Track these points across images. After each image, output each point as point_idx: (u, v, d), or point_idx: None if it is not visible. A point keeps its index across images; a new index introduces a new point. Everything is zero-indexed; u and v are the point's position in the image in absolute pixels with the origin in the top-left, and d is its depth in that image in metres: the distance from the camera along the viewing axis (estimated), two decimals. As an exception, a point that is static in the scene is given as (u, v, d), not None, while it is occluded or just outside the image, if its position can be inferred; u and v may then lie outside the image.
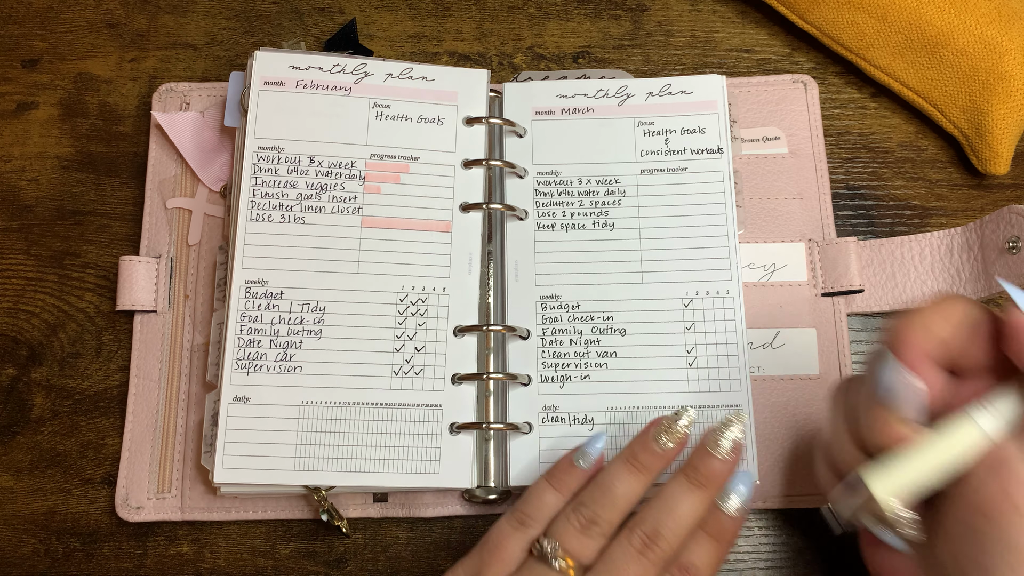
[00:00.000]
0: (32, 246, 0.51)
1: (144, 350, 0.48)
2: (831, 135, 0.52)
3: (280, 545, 0.46)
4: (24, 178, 0.52)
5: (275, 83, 0.48)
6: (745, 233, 0.49)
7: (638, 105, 0.49)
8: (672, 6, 0.55)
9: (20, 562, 0.46)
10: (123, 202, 0.51)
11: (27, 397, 0.48)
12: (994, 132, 0.48)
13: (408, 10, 0.55)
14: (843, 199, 0.51)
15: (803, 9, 0.52)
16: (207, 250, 0.49)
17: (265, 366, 0.44)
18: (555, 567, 0.36)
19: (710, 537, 0.38)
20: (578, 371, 0.45)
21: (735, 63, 0.54)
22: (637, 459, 0.39)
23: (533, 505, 0.39)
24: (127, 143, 0.52)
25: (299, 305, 0.45)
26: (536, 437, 0.44)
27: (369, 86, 0.49)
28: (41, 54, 0.54)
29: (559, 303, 0.46)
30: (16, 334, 0.49)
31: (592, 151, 0.49)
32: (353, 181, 0.47)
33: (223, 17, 0.55)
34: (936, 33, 0.49)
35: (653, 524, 0.37)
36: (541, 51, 0.54)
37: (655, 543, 0.36)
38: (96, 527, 0.46)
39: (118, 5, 0.55)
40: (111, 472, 0.47)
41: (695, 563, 0.37)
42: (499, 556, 0.37)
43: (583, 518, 0.37)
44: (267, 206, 0.46)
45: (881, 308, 0.47)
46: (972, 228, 0.46)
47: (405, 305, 0.46)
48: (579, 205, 0.48)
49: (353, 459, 0.43)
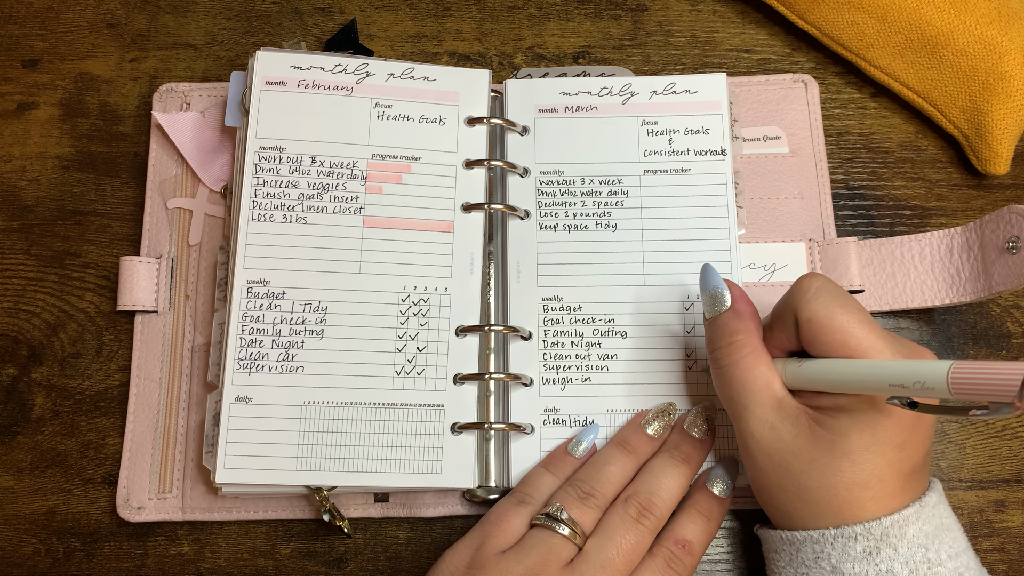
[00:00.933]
0: (32, 246, 0.50)
1: (145, 350, 0.48)
2: (831, 135, 0.52)
3: (281, 545, 0.46)
4: (24, 178, 0.52)
5: (276, 83, 0.48)
6: (746, 233, 0.49)
7: (642, 104, 0.49)
8: (672, 6, 0.55)
9: (21, 562, 0.46)
10: (123, 202, 0.51)
11: (28, 397, 0.48)
12: (994, 132, 0.49)
13: (408, 10, 0.55)
14: (843, 199, 0.51)
15: (803, 9, 0.52)
16: (208, 250, 0.49)
17: (267, 366, 0.44)
18: (560, 532, 0.38)
19: (701, 515, 0.41)
20: (579, 373, 0.46)
21: (735, 63, 0.54)
22: (628, 442, 0.42)
23: (531, 485, 0.42)
24: (127, 143, 0.52)
25: (301, 305, 0.45)
26: (538, 439, 0.45)
27: (371, 86, 0.49)
28: (41, 54, 0.54)
29: (561, 304, 0.46)
30: (17, 334, 0.49)
31: (595, 150, 0.49)
32: (355, 181, 0.47)
33: (223, 17, 0.55)
34: (936, 33, 0.49)
35: (647, 495, 0.40)
36: (541, 51, 0.54)
37: (649, 511, 0.40)
38: (97, 527, 0.46)
39: (118, 5, 0.55)
40: (112, 472, 0.47)
41: (689, 539, 0.40)
42: (502, 528, 0.40)
43: (581, 491, 0.40)
44: (269, 206, 0.46)
45: (881, 308, 0.47)
46: (972, 228, 0.46)
47: (407, 305, 0.46)
48: (582, 205, 0.48)
49: (355, 459, 0.43)
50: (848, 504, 0.36)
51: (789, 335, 0.39)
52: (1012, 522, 0.46)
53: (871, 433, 0.36)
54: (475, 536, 0.40)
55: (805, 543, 0.37)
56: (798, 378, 0.38)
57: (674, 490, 0.41)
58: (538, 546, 0.38)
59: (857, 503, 0.36)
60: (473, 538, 0.40)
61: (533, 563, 0.38)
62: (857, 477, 0.36)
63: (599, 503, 0.40)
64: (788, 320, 0.39)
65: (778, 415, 0.38)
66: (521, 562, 0.38)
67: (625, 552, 0.38)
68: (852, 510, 0.36)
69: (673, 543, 0.40)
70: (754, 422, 0.38)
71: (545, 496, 0.41)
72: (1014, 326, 0.49)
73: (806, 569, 0.37)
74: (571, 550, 0.38)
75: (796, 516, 0.38)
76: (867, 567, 0.36)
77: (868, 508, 0.36)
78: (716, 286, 0.40)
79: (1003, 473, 0.47)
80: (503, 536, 0.39)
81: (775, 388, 0.38)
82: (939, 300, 0.47)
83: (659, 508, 0.40)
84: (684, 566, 0.39)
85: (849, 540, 0.36)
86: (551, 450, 0.44)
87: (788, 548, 0.38)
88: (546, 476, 0.42)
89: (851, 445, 0.36)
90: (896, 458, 0.36)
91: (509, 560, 0.38)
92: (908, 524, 0.36)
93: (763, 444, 0.38)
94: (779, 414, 0.38)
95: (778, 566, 0.39)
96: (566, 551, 0.38)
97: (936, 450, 0.47)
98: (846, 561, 0.36)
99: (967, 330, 0.49)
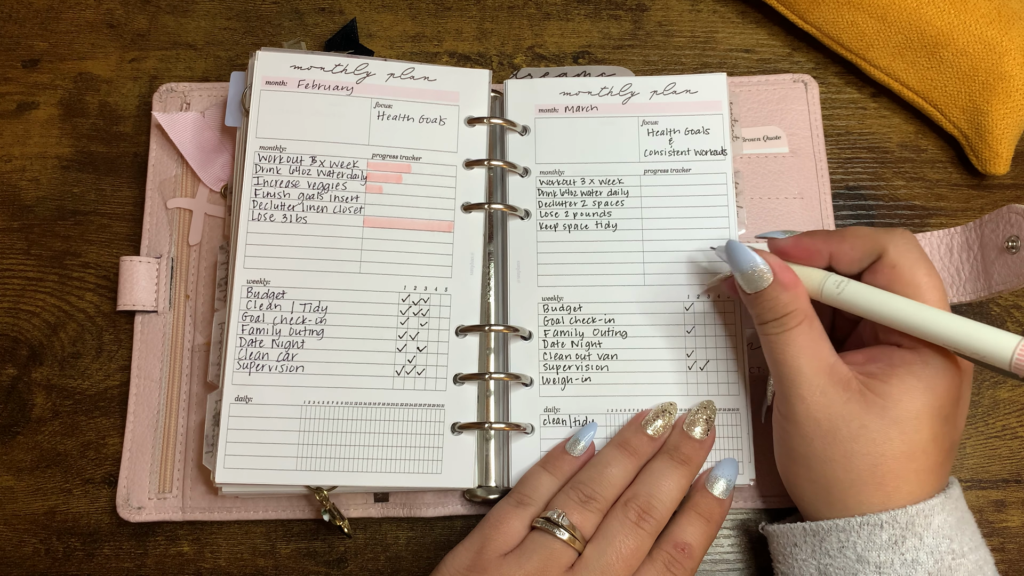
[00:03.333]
0: (32, 246, 0.50)
1: (145, 350, 0.48)
2: (831, 135, 0.52)
3: (280, 545, 0.46)
4: (24, 178, 0.52)
5: (277, 83, 0.48)
6: (746, 233, 0.49)
7: (642, 104, 0.49)
8: (672, 6, 0.55)
9: (21, 562, 0.46)
10: (123, 202, 0.51)
11: (28, 397, 0.48)
12: (994, 132, 0.49)
13: (408, 10, 0.55)
14: (843, 199, 0.51)
15: (803, 9, 0.52)
16: (208, 250, 0.49)
17: (267, 366, 0.44)
18: (560, 537, 0.38)
19: (701, 517, 0.41)
20: (579, 373, 0.46)
21: (735, 63, 0.54)
22: (629, 444, 0.42)
23: (531, 486, 0.42)
24: (127, 143, 0.52)
25: (301, 305, 0.45)
26: (538, 439, 0.45)
27: (371, 86, 0.49)
28: (41, 54, 0.54)
29: (561, 304, 0.46)
30: (17, 334, 0.49)
31: (595, 150, 0.49)
32: (355, 181, 0.47)
33: (223, 17, 0.55)
34: (936, 33, 0.49)
35: (646, 498, 0.40)
36: (541, 51, 0.54)
37: (649, 515, 0.39)
38: (97, 527, 0.46)
39: (118, 5, 0.55)
40: (112, 472, 0.47)
41: (689, 542, 0.40)
42: (501, 531, 0.39)
43: (582, 494, 0.40)
44: (269, 206, 0.46)
45: (881, 308, 0.47)
46: (972, 227, 0.46)
47: (407, 305, 0.46)
48: (582, 205, 0.48)
49: (355, 459, 0.43)
50: (893, 474, 0.36)
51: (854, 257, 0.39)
52: (1012, 522, 0.46)
53: (923, 401, 0.36)
54: (475, 539, 0.40)
55: (831, 532, 0.37)
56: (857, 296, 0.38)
57: (674, 492, 0.41)
58: (539, 551, 0.38)
59: (902, 475, 0.36)
60: (473, 541, 0.40)
61: (534, 568, 0.38)
62: (906, 446, 0.36)
63: (600, 506, 0.40)
64: (867, 249, 0.39)
65: (829, 380, 0.38)
66: (522, 566, 0.38)
67: (625, 557, 0.38)
68: (895, 483, 0.36)
69: (672, 546, 0.40)
70: (805, 387, 0.38)
71: (545, 497, 0.41)
72: (1014, 326, 0.49)
73: (829, 559, 0.37)
74: (571, 555, 0.38)
75: (834, 490, 0.38)
76: (892, 555, 0.35)
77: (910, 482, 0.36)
78: (753, 263, 0.39)
79: (1003, 473, 0.47)
80: (503, 539, 0.39)
81: (826, 354, 0.38)
82: (939, 300, 0.47)
83: (658, 511, 0.40)
84: (684, 569, 0.39)
85: (875, 528, 0.36)
86: (550, 449, 0.44)
87: (811, 539, 0.38)
88: (545, 477, 0.42)
89: (903, 411, 0.36)
90: (941, 431, 0.37)
91: (510, 564, 0.38)
92: (934, 514, 0.36)
93: (813, 409, 0.38)
94: (831, 379, 0.38)
95: (797, 560, 0.39)
96: (566, 556, 0.38)
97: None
98: (871, 549, 0.36)
99: (967, 330, 0.49)
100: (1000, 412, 0.48)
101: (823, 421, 0.37)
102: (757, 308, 0.40)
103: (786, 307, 0.39)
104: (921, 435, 0.36)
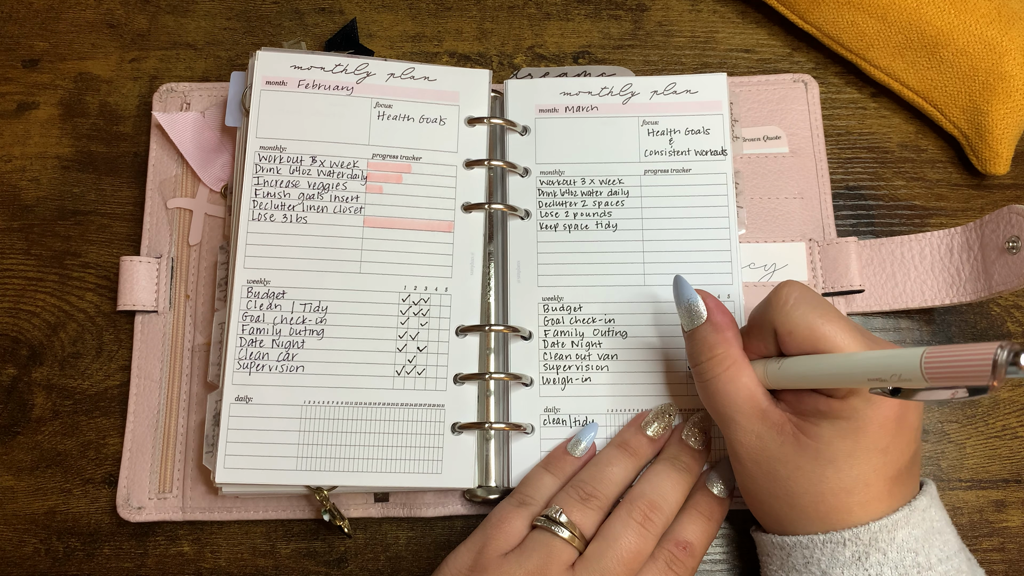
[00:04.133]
0: (32, 246, 0.50)
1: (145, 350, 0.48)
2: (831, 135, 0.52)
3: (281, 545, 0.46)
4: (24, 178, 0.52)
5: (277, 83, 0.48)
6: (746, 233, 0.49)
7: (642, 104, 0.49)
8: (672, 6, 0.55)
9: (21, 562, 0.46)
10: (124, 202, 0.51)
11: (28, 397, 0.48)
12: (994, 132, 0.49)
13: (408, 10, 0.55)
14: (843, 199, 0.51)
15: (803, 9, 0.52)
16: (208, 250, 0.49)
17: (267, 366, 0.44)
18: (560, 535, 0.38)
19: (702, 516, 0.41)
20: (579, 373, 0.46)
21: (735, 63, 0.54)
22: (629, 444, 0.43)
23: (532, 486, 0.42)
24: (127, 143, 0.52)
25: (301, 305, 0.45)
26: (538, 439, 0.45)
27: (371, 86, 0.49)
28: (41, 54, 0.54)
29: (561, 304, 0.46)
30: (17, 334, 0.49)
31: (596, 150, 0.49)
32: (355, 181, 0.47)
33: (223, 17, 0.55)
34: (936, 33, 0.49)
35: (651, 498, 0.40)
36: (541, 51, 0.54)
37: (655, 514, 0.40)
38: (97, 527, 0.46)
39: (118, 5, 0.55)
40: (112, 472, 0.47)
41: (690, 540, 0.40)
42: (503, 530, 0.40)
43: (582, 492, 0.40)
44: (269, 206, 0.46)
45: (881, 308, 0.47)
46: (972, 228, 0.46)
47: (407, 305, 0.46)
48: (582, 205, 0.48)
49: (355, 459, 0.43)
50: (835, 509, 0.36)
51: (768, 344, 0.39)
52: (1012, 522, 0.46)
53: (853, 440, 0.36)
54: (476, 539, 0.40)
55: (795, 548, 0.37)
56: (780, 377, 0.38)
57: (677, 494, 0.41)
58: (539, 549, 0.38)
59: (844, 508, 0.36)
60: (475, 541, 0.40)
61: (534, 566, 0.38)
62: (843, 483, 0.36)
63: (601, 504, 0.40)
64: (767, 330, 0.39)
65: (763, 424, 0.38)
66: (523, 565, 0.38)
67: (628, 556, 0.38)
68: (840, 515, 0.36)
69: (674, 545, 0.40)
70: (740, 432, 0.38)
71: (545, 497, 0.41)
72: (1014, 326, 0.49)
73: (796, 574, 0.37)
74: (572, 553, 0.38)
75: (786, 521, 0.38)
76: (856, 572, 0.36)
77: (855, 513, 0.36)
78: (691, 299, 0.40)
79: (1003, 473, 0.47)
80: (504, 538, 0.39)
81: (758, 398, 0.38)
82: (939, 300, 0.47)
83: (664, 511, 0.40)
84: (685, 568, 0.39)
85: (838, 545, 0.36)
86: (551, 450, 0.44)
87: (779, 552, 0.38)
88: (546, 477, 0.42)
89: (835, 452, 0.36)
90: (881, 463, 0.36)
91: (511, 563, 0.38)
92: (897, 528, 0.36)
93: (751, 452, 0.38)
94: (764, 423, 0.38)
95: (771, 569, 0.39)
96: (567, 554, 0.38)
97: (936, 450, 0.47)
98: (835, 566, 0.36)
99: (967, 330, 0.49)
100: (1000, 412, 0.48)
101: (762, 463, 0.38)
102: (689, 346, 0.40)
103: (714, 348, 0.39)
104: (857, 470, 0.36)
